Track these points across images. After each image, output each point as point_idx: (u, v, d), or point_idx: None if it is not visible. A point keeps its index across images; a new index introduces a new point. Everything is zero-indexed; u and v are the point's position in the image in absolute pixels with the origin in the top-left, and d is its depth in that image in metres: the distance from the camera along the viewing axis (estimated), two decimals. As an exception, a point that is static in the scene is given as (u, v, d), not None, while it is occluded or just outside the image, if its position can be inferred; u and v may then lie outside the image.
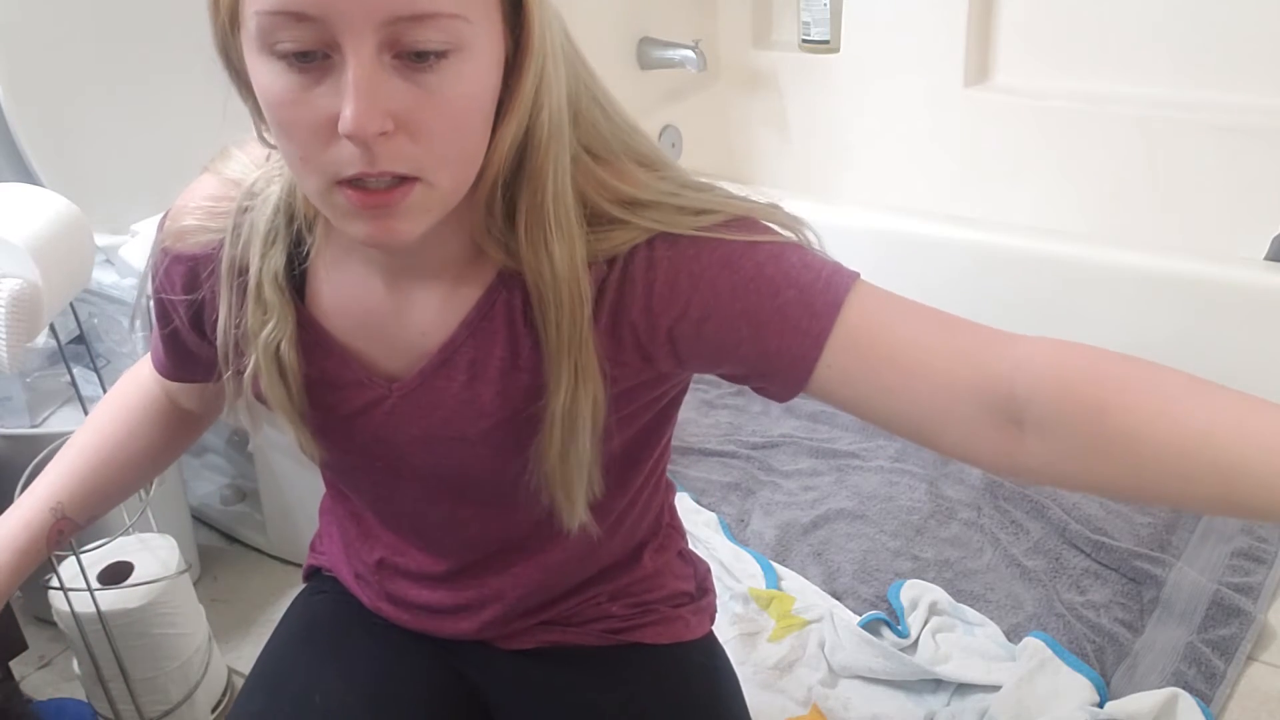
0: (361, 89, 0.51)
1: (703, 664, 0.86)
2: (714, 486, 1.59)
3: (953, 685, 1.20)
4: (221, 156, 0.71)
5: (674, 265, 0.62)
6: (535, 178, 0.59)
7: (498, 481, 0.72)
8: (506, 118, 0.58)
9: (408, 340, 0.67)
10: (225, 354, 0.69)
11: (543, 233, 0.60)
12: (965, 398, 0.58)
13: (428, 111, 0.54)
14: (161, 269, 0.72)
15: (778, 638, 1.29)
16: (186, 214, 0.69)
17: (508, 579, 0.79)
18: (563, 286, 0.61)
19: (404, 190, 0.55)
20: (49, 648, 1.36)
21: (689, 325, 0.63)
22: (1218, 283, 1.44)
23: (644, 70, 2.22)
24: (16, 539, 0.77)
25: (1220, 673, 1.19)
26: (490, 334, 0.66)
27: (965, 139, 2.14)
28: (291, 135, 0.55)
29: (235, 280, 0.67)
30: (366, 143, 0.53)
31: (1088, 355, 0.57)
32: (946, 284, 1.61)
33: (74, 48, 1.38)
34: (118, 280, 1.38)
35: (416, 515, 0.78)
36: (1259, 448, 0.51)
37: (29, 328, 0.95)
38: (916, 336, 0.60)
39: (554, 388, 0.64)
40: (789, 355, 0.61)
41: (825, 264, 0.62)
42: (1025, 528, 1.45)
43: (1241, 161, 1.86)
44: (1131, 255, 1.50)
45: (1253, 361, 1.43)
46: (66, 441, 0.83)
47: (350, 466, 0.77)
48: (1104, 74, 2.00)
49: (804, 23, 2.24)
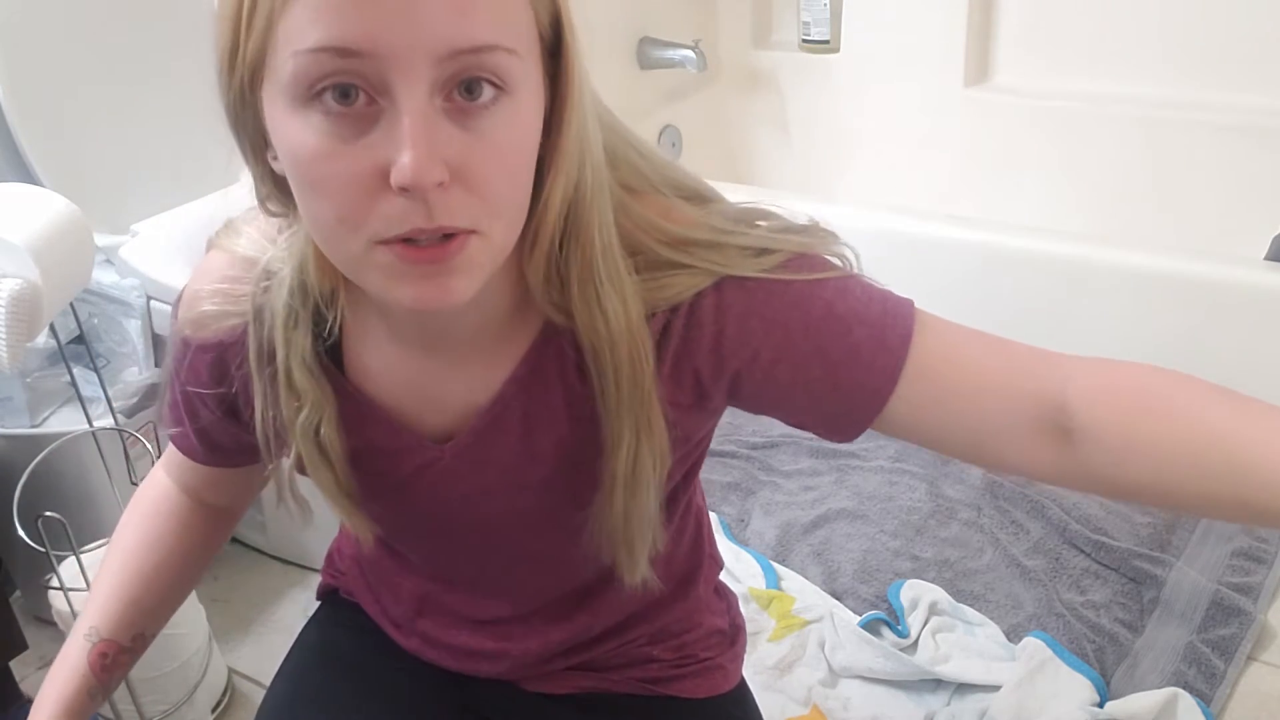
0: (420, 134, 0.47)
1: (736, 718, 0.84)
2: (714, 486, 1.59)
3: (953, 685, 1.20)
4: (228, 231, 0.66)
5: (746, 309, 0.60)
6: (583, 234, 0.56)
7: (556, 534, 0.69)
8: (554, 173, 0.54)
9: (455, 399, 0.64)
10: (266, 445, 0.65)
11: (595, 290, 0.57)
12: (1026, 417, 0.59)
13: (481, 159, 0.49)
14: (185, 361, 0.68)
15: (778, 638, 1.29)
16: (203, 299, 0.65)
17: (556, 626, 0.77)
18: (620, 344, 0.58)
19: (459, 243, 0.50)
20: (49, 648, 1.36)
21: (760, 369, 0.61)
22: (1218, 283, 1.44)
23: (644, 70, 2.21)
24: (66, 685, 0.73)
25: (1220, 673, 1.19)
26: (542, 387, 0.63)
27: (965, 139, 2.14)
28: (329, 193, 0.50)
29: (265, 368, 0.63)
30: (425, 194, 0.48)
31: (1133, 369, 0.58)
32: (947, 284, 1.60)
33: (74, 48, 1.38)
34: (118, 280, 1.38)
35: (472, 567, 0.76)
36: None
37: (29, 327, 0.95)
38: (978, 361, 0.60)
39: (614, 446, 0.61)
40: (864, 391, 0.60)
41: (882, 293, 0.62)
42: (1025, 528, 1.45)
43: (1241, 161, 1.86)
44: (1131, 255, 1.50)
45: (1253, 361, 1.43)
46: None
47: (403, 528, 0.74)
48: (1104, 74, 2.00)
49: (804, 23, 2.24)
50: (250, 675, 1.35)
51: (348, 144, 0.48)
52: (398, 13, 0.46)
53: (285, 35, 0.47)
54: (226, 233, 0.66)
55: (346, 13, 0.46)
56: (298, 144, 0.49)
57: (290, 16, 0.47)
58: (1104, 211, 1.99)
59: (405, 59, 0.46)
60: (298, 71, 0.47)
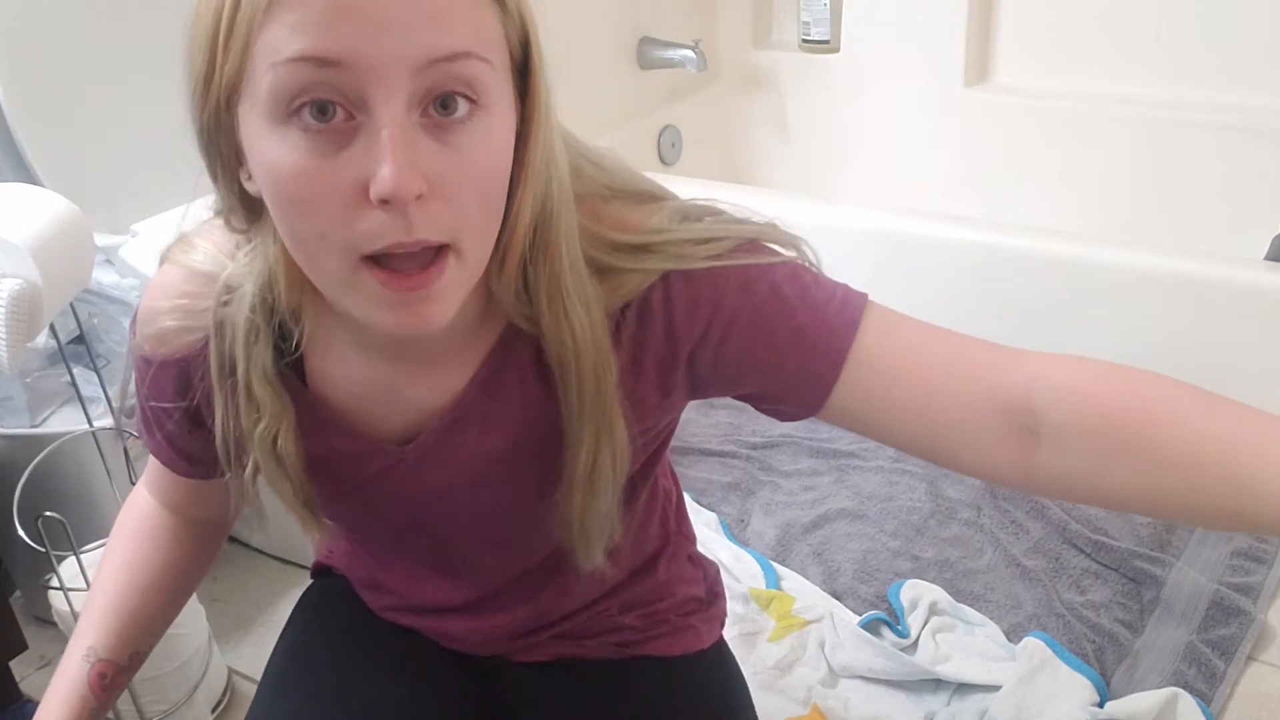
0: (399, 146, 0.48)
1: (715, 674, 0.86)
2: (714, 486, 1.59)
3: (953, 685, 1.20)
4: (182, 246, 0.66)
5: (692, 292, 0.61)
6: (551, 249, 0.58)
7: (517, 523, 0.71)
8: (523, 191, 0.55)
9: (417, 400, 0.65)
10: (226, 454, 0.66)
11: (562, 304, 0.59)
12: (981, 413, 0.59)
13: (458, 172, 0.50)
14: (147, 378, 0.68)
15: (778, 638, 1.29)
16: (162, 315, 0.65)
17: (524, 604, 0.79)
18: (585, 354, 0.60)
19: (438, 269, 0.52)
20: (49, 648, 1.36)
21: (709, 348, 0.62)
22: (1217, 283, 1.44)
23: (644, 70, 2.21)
24: (67, 706, 0.74)
25: (1220, 673, 1.19)
26: (503, 388, 0.65)
27: (965, 139, 2.14)
28: (311, 210, 0.50)
29: (226, 380, 0.64)
30: (404, 207, 0.48)
31: (1102, 368, 0.58)
32: (946, 284, 1.61)
33: (74, 48, 1.38)
34: (118, 280, 1.38)
35: (434, 557, 0.78)
36: (1271, 462, 0.51)
37: (29, 328, 0.95)
38: (931, 355, 0.60)
39: (574, 448, 0.63)
40: (807, 375, 0.61)
41: (836, 284, 0.63)
42: (1025, 528, 1.45)
43: (1241, 161, 1.86)
44: (1131, 255, 1.50)
45: (1253, 361, 1.43)
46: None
47: (366, 526, 0.76)
48: (1104, 74, 2.00)
49: (804, 23, 2.24)
50: (250, 675, 1.35)
51: (327, 159, 0.49)
52: (375, 24, 0.46)
53: (263, 50, 0.48)
54: (180, 247, 0.66)
55: (325, 24, 0.47)
56: (277, 161, 0.50)
57: (268, 30, 0.47)
58: (1104, 211, 2.00)
59: (383, 71, 0.47)
60: (276, 84, 0.48)
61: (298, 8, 0.47)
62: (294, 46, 0.47)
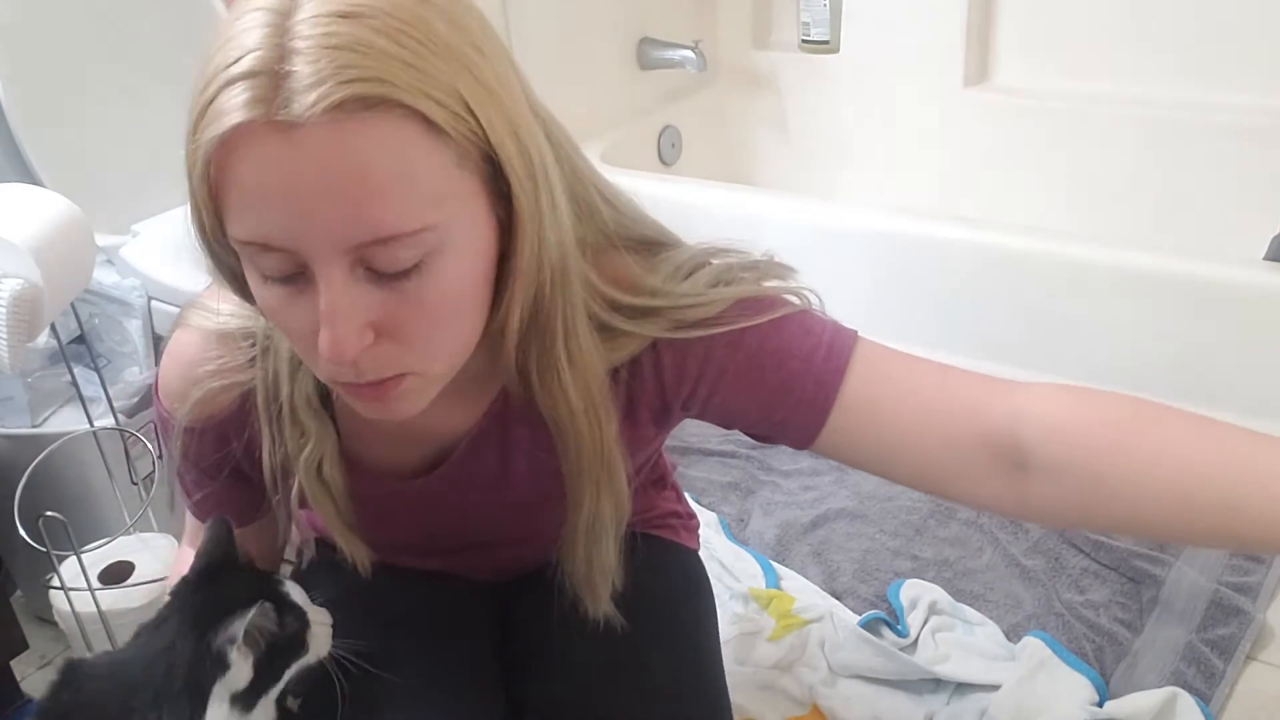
0: (335, 314, 0.51)
1: (692, 561, 0.95)
2: (714, 486, 1.59)
3: (952, 685, 1.20)
4: (196, 312, 0.69)
5: (679, 358, 0.65)
6: (545, 330, 0.60)
7: (533, 533, 0.76)
8: (512, 286, 0.56)
9: (436, 432, 0.70)
10: (272, 479, 0.69)
11: (555, 376, 0.61)
12: (970, 449, 0.60)
13: (409, 317, 0.53)
14: (193, 446, 0.71)
15: (777, 637, 1.29)
16: (206, 378, 0.68)
17: (518, 566, 0.86)
18: (580, 421, 0.63)
19: (394, 383, 0.55)
20: (49, 648, 1.36)
21: (698, 402, 0.67)
22: (1217, 283, 1.44)
23: (644, 70, 2.21)
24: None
25: (1219, 672, 1.19)
26: (514, 420, 0.68)
27: (965, 139, 2.14)
28: (286, 335, 0.57)
29: (271, 405, 0.67)
30: (348, 361, 0.52)
31: (1086, 398, 0.59)
32: (946, 284, 1.60)
33: (74, 48, 1.38)
34: (118, 280, 1.38)
35: (450, 560, 0.83)
36: (1259, 485, 0.52)
37: (30, 328, 0.95)
38: (917, 394, 0.62)
39: (574, 504, 0.67)
40: (795, 424, 0.64)
41: (825, 327, 0.65)
42: (1025, 527, 1.45)
43: (1241, 161, 1.86)
44: (1131, 255, 1.50)
45: (1252, 362, 1.43)
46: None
47: (389, 544, 0.79)
48: (1104, 74, 2.00)
49: (804, 23, 2.24)
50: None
51: (293, 303, 0.53)
52: (300, 216, 0.49)
53: (226, 219, 0.52)
54: (195, 313, 0.68)
55: (260, 215, 0.49)
56: (258, 294, 0.54)
57: (225, 206, 0.50)
58: (1104, 211, 1.99)
59: (316, 250, 0.50)
60: (239, 251, 0.52)
61: (234, 189, 0.49)
62: (241, 230, 0.51)
